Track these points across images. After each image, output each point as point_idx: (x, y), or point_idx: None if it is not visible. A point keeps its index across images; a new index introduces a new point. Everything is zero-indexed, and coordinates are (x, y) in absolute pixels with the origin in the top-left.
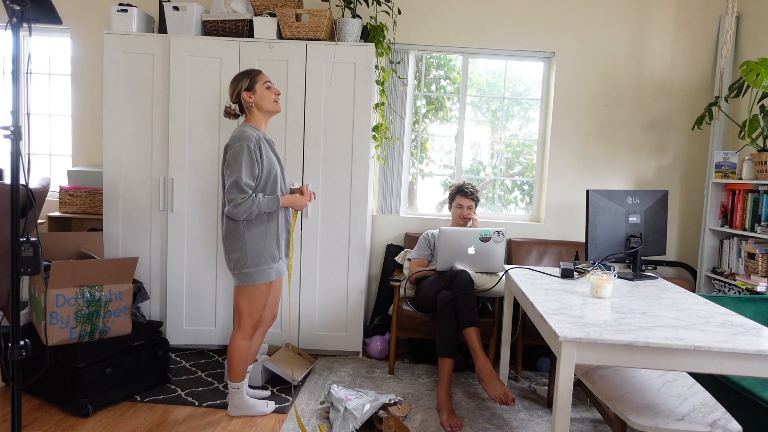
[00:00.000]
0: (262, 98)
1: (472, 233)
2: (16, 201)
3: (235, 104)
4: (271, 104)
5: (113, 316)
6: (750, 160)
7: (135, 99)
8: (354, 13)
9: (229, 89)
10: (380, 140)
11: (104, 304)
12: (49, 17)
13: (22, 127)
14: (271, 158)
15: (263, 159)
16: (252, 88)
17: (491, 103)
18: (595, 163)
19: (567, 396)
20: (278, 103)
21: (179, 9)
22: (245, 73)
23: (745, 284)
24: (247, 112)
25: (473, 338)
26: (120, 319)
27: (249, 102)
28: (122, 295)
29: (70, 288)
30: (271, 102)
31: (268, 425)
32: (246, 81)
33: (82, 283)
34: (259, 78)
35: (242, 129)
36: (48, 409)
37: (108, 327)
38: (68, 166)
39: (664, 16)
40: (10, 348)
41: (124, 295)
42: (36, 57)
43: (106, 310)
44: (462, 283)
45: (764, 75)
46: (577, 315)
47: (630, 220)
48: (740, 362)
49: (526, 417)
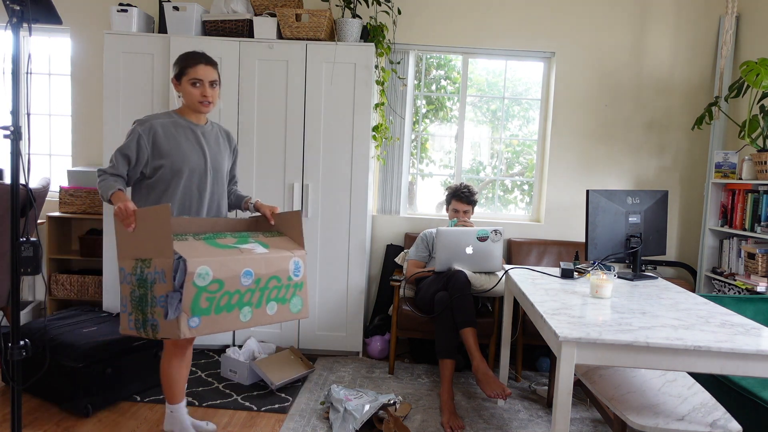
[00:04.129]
0: (186, 94)
1: (470, 233)
2: (16, 201)
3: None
4: (193, 103)
5: (158, 305)
6: (750, 160)
7: (135, 99)
8: (354, 13)
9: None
10: (380, 140)
11: (150, 286)
12: (49, 17)
13: (22, 127)
14: (182, 151)
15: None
16: (179, 79)
17: (491, 103)
18: (595, 163)
19: (567, 396)
20: (205, 105)
21: (179, 9)
22: (180, 59)
23: (745, 284)
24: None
25: (470, 339)
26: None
27: (176, 90)
28: (165, 275)
29: (129, 259)
30: (193, 101)
31: (268, 425)
32: (176, 68)
33: (138, 254)
34: (189, 72)
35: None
36: (48, 409)
37: (156, 322)
38: (68, 166)
39: (664, 16)
40: (10, 348)
41: (167, 275)
42: (36, 57)
43: (152, 295)
44: (458, 284)
45: (764, 75)
46: (577, 315)
47: (630, 220)
48: (740, 362)
49: (526, 417)
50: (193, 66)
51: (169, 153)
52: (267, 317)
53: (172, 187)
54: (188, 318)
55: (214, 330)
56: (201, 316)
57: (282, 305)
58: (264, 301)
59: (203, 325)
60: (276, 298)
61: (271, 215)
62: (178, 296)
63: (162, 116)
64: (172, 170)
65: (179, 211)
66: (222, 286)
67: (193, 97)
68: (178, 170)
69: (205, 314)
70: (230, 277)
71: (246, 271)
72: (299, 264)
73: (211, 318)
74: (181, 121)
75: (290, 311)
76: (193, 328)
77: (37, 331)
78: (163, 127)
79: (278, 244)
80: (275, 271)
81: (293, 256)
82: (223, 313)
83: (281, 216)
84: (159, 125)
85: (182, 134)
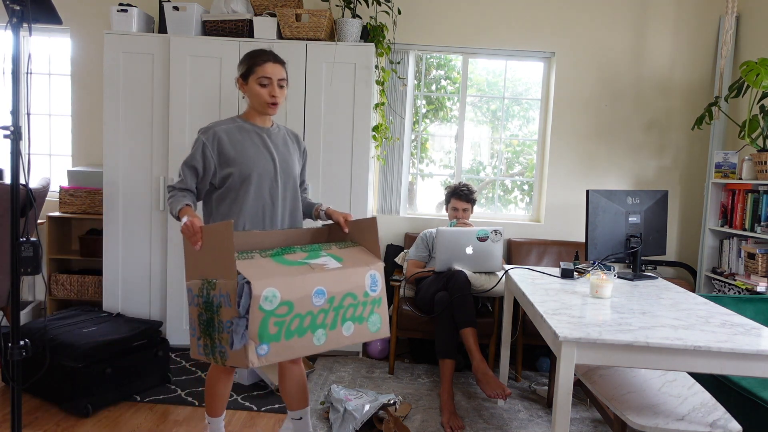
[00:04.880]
0: (252, 95)
1: (470, 233)
2: (16, 201)
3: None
4: (261, 104)
5: (225, 331)
6: (750, 160)
7: (135, 99)
8: (354, 13)
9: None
10: (380, 140)
11: (216, 310)
12: (49, 17)
13: (22, 127)
14: (249, 156)
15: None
16: (246, 79)
17: (491, 103)
18: (595, 163)
19: (567, 396)
20: (272, 106)
21: (179, 9)
22: (247, 57)
23: (745, 284)
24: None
25: (470, 339)
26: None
27: (242, 91)
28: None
29: (196, 279)
30: (261, 101)
31: (268, 425)
32: (243, 67)
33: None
34: (257, 70)
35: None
36: (48, 409)
37: (224, 349)
38: (68, 166)
39: (664, 17)
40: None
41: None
42: (36, 57)
43: (219, 320)
44: (458, 284)
45: (764, 75)
46: (576, 315)
47: (630, 220)
48: (740, 362)
49: (526, 417)
50: (261, 64)
51: (235, 160)
52: (343, 339)
53: (242, 195)
54: (256, 346)
55: (286, 357)
56: (270, 342)
57: (359, 325)
58: (339, 321)
59: (273, 353)
60: (352, 317)
61: (344, 223)
62: (244, 323)
63: (226, 122)
64: (241, 177)
65: (252, 221)
66: (292, 309)
67: (261, 98)
68: (247, 177)
69: (275, 340)
70: (300, 297)
71: (318, 290)
72: (376, 278)
73: (281, 344)
74: (245, 126)
75: (369, 331)
76: (262, 356)
77: (37, 331)
78: (228, 133)
79: (353, 256)
80: (350, 287)
81: (369, 269)
82: (294, 338)
83: (355, 224)
84: (222, 131)
85: (248, 139)
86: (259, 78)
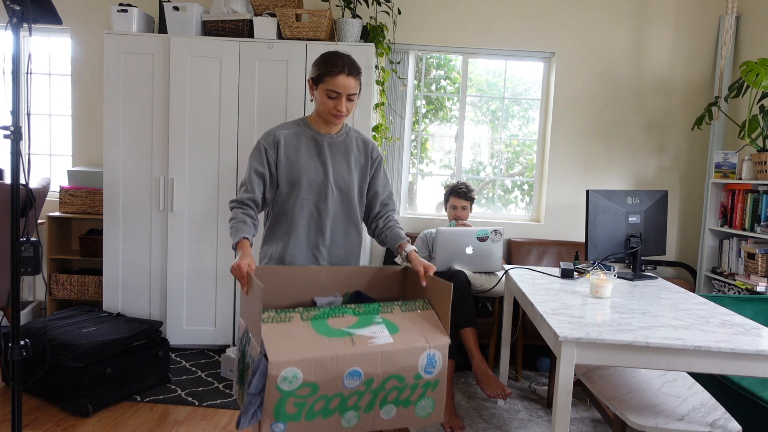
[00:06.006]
0: (319, 102)
1: (470, 233)
2: (16, 201)
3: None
4: (325, 114)
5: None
6: (750, 160)
7: (135, 99)
8: (354, 13)
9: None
10: (380, 140)
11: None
12: (49, 17)
13: (22, 127)
14: (300, 162)
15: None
16: (316, 84)
17: (491, 103)
18: (595, 163)
19: (567, 396)
20: (336, 116)
21: (179, 9)
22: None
23: (745, 284)
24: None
25: (470, 339)
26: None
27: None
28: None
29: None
30: (326, 112)
31: None
32: (315, 71)
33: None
34: (327, 80)
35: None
36: (48, 409)
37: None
38: (68, 166)
39: (664, 16)
40: (10, 348)
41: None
42: (36, 57)
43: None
44: (458, 284)
45: (764, 75)
46: (576, 315)
47: (630, 220)
48: (740, 362)
49: (526, 417)
50: (333, 75)
51: (286, 166)
52: (380, 422)
53: (290, 204)
54: (271, 423)
55: None
56: (287, 422)
57: (404, 408)
58: (378, 403)
59: None
60: (395, 400)
61: (423, 276)
62: (258, 401)
63: (288, 126)
64: (289, 182)
65: (296, 234)
66: (316, 390)
67: (326, 108)
68: (294, 182)
69: (294, 420)
70: (328, 379)
71: (352, 371)
72: (435, 358)
73: (301, 424)
74: (305, 131)
75: (415, 415)
76: None
77: (37, 331)
78: (287, 138)
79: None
80: (396, 369)
81: (428, 348)
82: (317, 419)
83: (435, 281)
84: (282, 136)
85: (304, 145)
86: (328, 89)
